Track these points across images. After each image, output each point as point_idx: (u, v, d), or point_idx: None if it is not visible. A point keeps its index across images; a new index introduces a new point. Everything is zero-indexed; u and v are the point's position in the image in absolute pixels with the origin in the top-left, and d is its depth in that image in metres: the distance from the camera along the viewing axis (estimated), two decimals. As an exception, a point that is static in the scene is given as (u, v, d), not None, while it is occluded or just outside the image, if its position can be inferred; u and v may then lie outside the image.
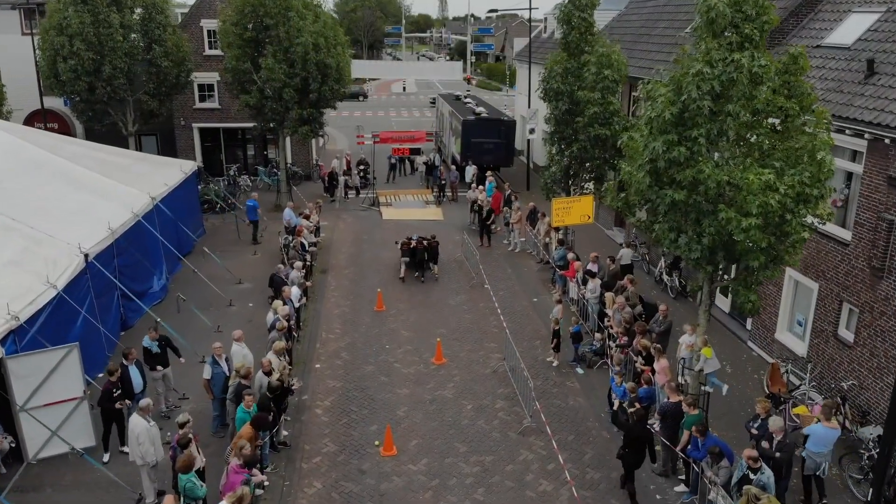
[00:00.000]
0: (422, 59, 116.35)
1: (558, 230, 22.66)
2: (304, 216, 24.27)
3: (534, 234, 24.87)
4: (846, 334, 14.67)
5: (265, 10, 26.29)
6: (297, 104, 27.58)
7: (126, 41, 27.34)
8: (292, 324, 16.79)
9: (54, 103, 32.92)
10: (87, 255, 15.81)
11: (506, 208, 27.50)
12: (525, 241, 25.62)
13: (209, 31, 32.89)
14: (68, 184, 18.43)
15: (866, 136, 13.61)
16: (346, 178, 33.39)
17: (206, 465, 11.80)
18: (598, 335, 17.35)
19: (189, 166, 24.77)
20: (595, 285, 18.42)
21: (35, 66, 29.14)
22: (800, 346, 16.16)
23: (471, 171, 32.03)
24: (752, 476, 10.48)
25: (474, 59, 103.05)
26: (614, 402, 13.70)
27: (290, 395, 14.11)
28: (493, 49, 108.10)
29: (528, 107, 34.56)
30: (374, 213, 30.49)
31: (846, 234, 14.56)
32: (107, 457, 13.03)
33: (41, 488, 12.35)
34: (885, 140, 13.08)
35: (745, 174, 11.10)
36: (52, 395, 12.67)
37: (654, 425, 13.50)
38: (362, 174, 34.15)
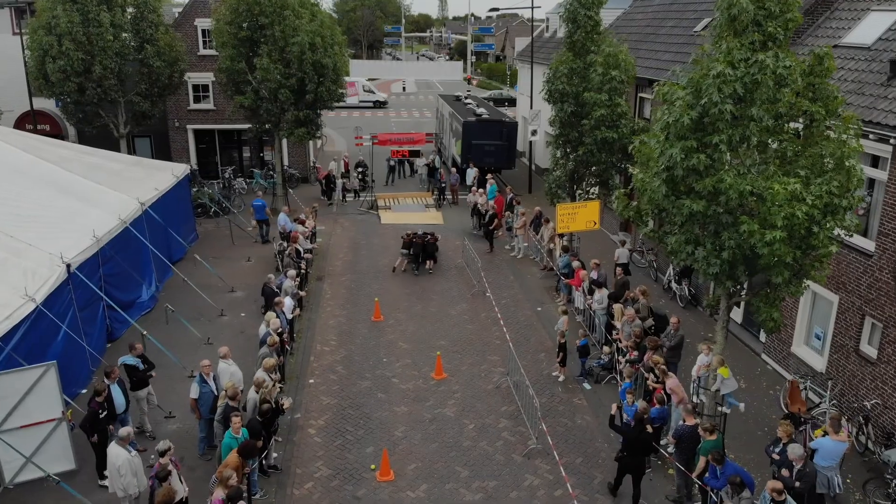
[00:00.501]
0: (422, 59, 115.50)
1: (562, 236, 21.85)
2: (300, 221, 23.53)
3: (537, 240, 24.07)
4: (869, 350, 13.90)
5: (260, 9, 25.55)
6: (293, 105, 26.85)
7: (117, 41, 26.53)
8: (285, 336, 16.03)
9: (46, 104, 32.18)
10: (69, 266, 15.04)
11: (508, 213, 26.72)
12: (528, 246, 24.82)
13: (203, 31, 32.07)
14: (53, 189, 17.67)
15: (891, 141, 12.88)
16: (345, 180, 32.64)
17: (192, 492, 11.09)
18: (605, 349, 16.56)
19: (181, 170, 23.97)
20: (602, 296, 17.62)
21: (24, 66, 28.37)
22: (818, 361, 15.39)
23: (472, 173, 31.23)
24: (775, 509, 9.77)
25: (475, 59, 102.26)
26: (624, 417, 12.95)
27: (281, 415, 13.34)
28: (493, 49, 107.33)
29: (531, 108, 33.79)
30: (372, 218, 29.66)
31: (870, 245, 13.79)
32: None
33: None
34: (913, 146, 12.35)
35: (770, 183, 10.30)
36: (29, 417, 12.04)
37: (667, 447, 12.88)
38: (361, 176, 33.39)
